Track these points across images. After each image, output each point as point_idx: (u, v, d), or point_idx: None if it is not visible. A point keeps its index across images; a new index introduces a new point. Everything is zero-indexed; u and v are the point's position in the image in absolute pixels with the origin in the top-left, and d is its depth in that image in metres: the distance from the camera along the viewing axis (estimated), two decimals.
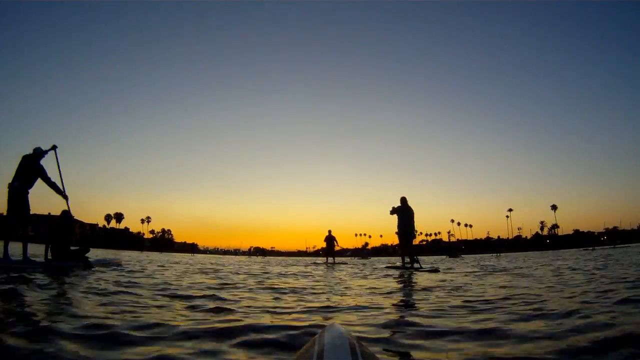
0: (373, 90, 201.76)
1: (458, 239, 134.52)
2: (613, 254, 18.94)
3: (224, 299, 4.02)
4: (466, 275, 8.48)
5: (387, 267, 13.17)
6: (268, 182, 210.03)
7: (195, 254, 76.64)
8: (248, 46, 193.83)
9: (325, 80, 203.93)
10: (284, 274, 9.10)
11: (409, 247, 12.67)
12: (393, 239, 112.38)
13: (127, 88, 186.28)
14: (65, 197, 8.65)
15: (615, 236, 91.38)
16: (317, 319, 2.92)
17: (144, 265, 11.67)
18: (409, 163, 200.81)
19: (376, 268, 13.34)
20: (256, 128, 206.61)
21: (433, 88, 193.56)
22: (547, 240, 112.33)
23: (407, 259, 12.34)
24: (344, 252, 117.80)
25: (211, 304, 3.54)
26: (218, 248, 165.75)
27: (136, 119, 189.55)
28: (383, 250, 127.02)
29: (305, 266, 15.49)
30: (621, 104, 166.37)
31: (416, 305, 3.85)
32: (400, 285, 6.48)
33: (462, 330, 2.48)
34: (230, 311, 3.21)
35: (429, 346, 2.15)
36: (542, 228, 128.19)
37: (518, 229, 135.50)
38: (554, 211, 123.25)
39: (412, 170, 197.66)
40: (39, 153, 8.23)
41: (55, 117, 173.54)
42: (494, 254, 48.98)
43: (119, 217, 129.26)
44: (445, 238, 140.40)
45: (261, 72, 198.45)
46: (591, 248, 53.92)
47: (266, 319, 2.88)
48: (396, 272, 10.23)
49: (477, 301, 3.84)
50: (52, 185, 8.32)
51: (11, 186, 7.80)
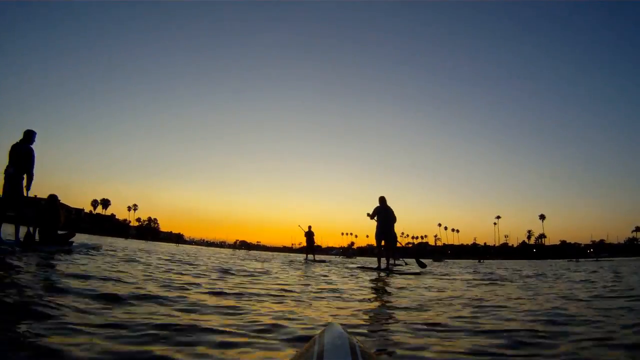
0: (366, 92, 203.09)
1: (444, 244, 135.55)
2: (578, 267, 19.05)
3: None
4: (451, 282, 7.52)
5: (360, 268, 12.57)
6: (257, 178, 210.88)
7: (180, 244, 76.41)
8: (246, 41, 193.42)
9: (318, 79, 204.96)
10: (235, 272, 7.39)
11: (387, 249, 11.97)
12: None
13: (118, 75, 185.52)
14: (28, 188, 8.39)
15: (601, 249, 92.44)
16: None
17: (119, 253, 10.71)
18: (399, 165, 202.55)
19: (349, 268, 12.55)
20: (248, 122, 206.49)
21: (426, 93, 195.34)
22: (534, 249, 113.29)
23: (384, 261, 11.69)
24: (330, 251, 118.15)
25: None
26: (204, 239, 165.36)
27: (130, 107, 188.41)
28: (369, 250, 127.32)
29: (282, 263, 15.17)
30: (614, 119, 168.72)
31: None
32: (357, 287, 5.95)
33: None
34: None
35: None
36: (529, 237, 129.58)
37: (505, 237, 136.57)
38: (542, 221, 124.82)
39: (402, 172, 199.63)
40: (30, 135, 8.33)
41: (45, 102, 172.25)
42: (477, 261, 49.35)
43: (106, 204, 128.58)
44: (432, 242, 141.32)
45: (250, 66, 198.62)
46: (575, 260, 54.45)
47: None
48: (366, 276, 9.00)
49: None
50: (31, 175, 8.26)
51: (7, 172, 8.08)
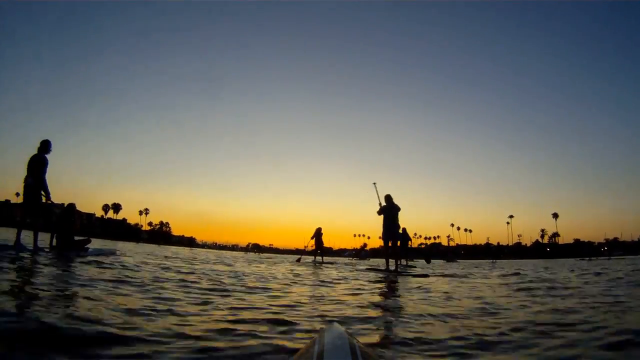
0: (375, 92, 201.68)
1: (457, 244, 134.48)
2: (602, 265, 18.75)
3: None
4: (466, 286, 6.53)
5: (368, 270, 12.03)
6: (269, 180, 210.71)
7: (193, 248, 76.60)
8: (251, 44, 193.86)
9: (328, 80, 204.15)
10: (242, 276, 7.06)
11: (395, 249, 11.64)
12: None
13: (129, 80, 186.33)
14: (47, 195, 8.62)
15: (614, 247, 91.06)
16: None
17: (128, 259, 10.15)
18: (411, 166, 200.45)
19: (358, 270, 12.01)
20: (259, 125, 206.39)
21: (436, 92, 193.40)
22: (547, 248, 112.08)
23: (393, 262, 11.38)
24: (342, 253, 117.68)
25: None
26: (216, 243, 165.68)
27: (139, 110, 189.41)
28: (382, 251, 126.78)
29: (290, 263, 15.31)
30: (627, 116, 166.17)
31: None
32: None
33: None
34: None
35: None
36: (543, 236, 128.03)
37: (518, 236, 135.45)
38: (555, 219, 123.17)
39: (414, 173, 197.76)
40: (45, 145, 8.56)
41: (56, 108, 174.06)
42: (490, 260, 48.81)
43: (117, 208, 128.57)
44: (444, 242, 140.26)
45: (263, 71, 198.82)
46: (587, 258, 53.70)
47: None
48: (374, 277, 8.73)
49: None
50: (41, 180, 8.44)
51: (26, 182, 8.37)
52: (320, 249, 20.46)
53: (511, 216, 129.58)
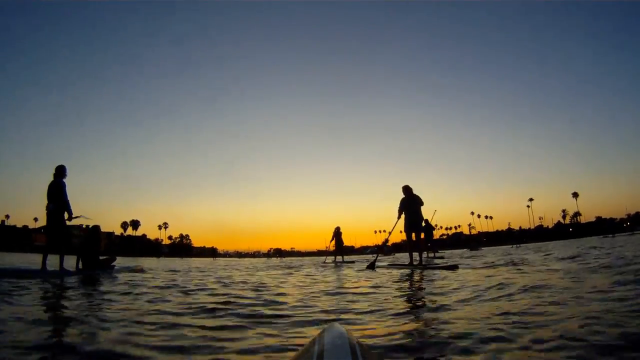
0: (390, 85, 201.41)
1: (479, 232, 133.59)
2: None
3: None
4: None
5: (390, 266, 11.42)
6: (288, 184, 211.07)
7: (217, 258, 77.35)
8: (262, 49, 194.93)
9: (344, 79, 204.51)
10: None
11: (418, 242, 10.96)
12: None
13: (140, 96, 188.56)
14: (70, 217, 8.95)
15: (636, 222, 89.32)
16: None
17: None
18: (427, 157, 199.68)
19: (378, 267, 11.13)
20: (274, 129, 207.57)
21: (449, 80, 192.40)
22: (570, 228, 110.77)
23: (417, 256, 10.68)
24: (364, 250, 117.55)
25: None
26: (238, 251, 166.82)
27: (150, 125, 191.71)
28: (404, 246, 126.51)
29: (311, 267, 14.60)
30: None
31: None
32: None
33: None
34: None
35: None
36: (564, 216, 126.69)
37: (539, 219, 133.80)
38: (576, 199, 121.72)
39: (431, 164, 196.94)
40: (60, 170, 8.87)
41: (69, 127, 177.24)
42: (514, 245, 48.24)
43: (136, 224, 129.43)
44: (465, 231, 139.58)
45: (277, 74, 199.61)
46: (611, 235, 52.70)
47: None
48: (399, 274, 8.19)
49: None
50: (65, 204, 8.78)
51: (48, 209, 8.71)
52: (340, 249, 20.27)
53: (531, 199, 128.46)
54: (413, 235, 10.75)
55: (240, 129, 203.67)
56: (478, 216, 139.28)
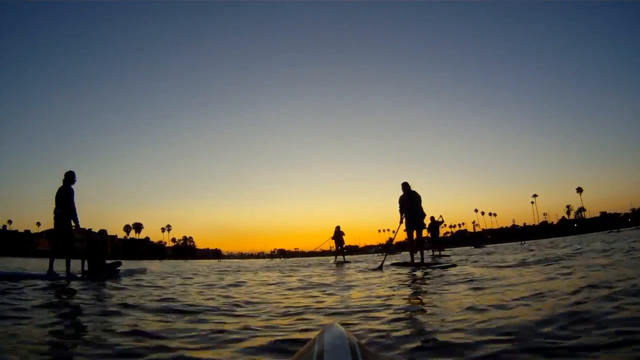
0: (389, 83, 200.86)
1: (483, 229, 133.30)
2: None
3: None
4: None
5: (394, 265, 10.90)
6: (290, 184, 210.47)
7: (221, 260, 77.59)
8: (261, 50, 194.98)
9: (340, 77, 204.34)
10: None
11: (419, 240, 10.60)
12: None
13: (143, 98, 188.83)
14: (77, 227, 9.07)
15: None
16: None
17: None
18: (429, 155, 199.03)
19: (384, 267, 10.50)
20: (275, 129, 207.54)
21: (451, 78, 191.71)
22: (574, 224, 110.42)
23: (418, 255, 10.36)
24: (368, 249, 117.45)
25: None
26: (242, 252, 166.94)
27: (150, 128, 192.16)
28: (407, 245, 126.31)
29: (312, 266, 14.45)
30: None
31: None
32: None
33: None
34: None
35: None
36: (569, 212, 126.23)
37: (544, 215, 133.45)
38: (580, 194, 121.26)
39: (434, 162, 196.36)
40: (69, 176, 8.99)
41: (71, 130, 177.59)
42: (520, 242, 48.03)
43: (138, 227, 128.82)
44: (470, 228, 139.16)
45: (274, 73, 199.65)
46: (616, 230, 52.53)
47: None
48: (401, 273, 7.97)
49: None
50: (71, 210, 8.85)
51: (55, 213, 8.78)
52: (341, 248, 19.94)
53: (535, 195, 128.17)
54: (414, 233, 10.44)
55: (242, 131, 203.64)
56: (482, 213, 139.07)
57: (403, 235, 12.96)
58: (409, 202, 10.33)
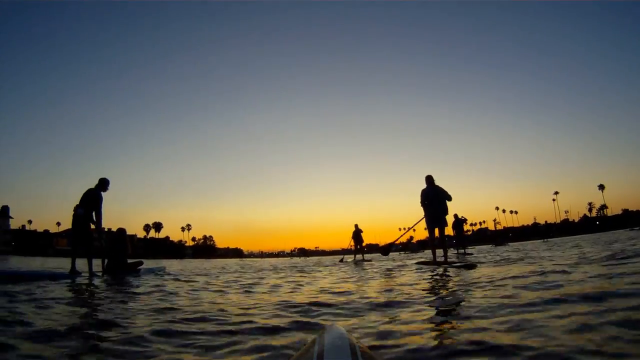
0: (414, 82, 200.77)
1: (504, 227, 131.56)
2: None
3: None
4: None
5: (419, 264, 9.82)
6: (311, 183, 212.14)
7: (244, 259, 77.97)
8: (283, 52, 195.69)
9: (363, 75, 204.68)
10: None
11: (442, 238, 9.86)
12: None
13: (164, 99, 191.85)
14: (99, 231, 9.04)
15: None
16: None
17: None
18: (449, 153, 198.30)
19: (405, 265, 10.10)
20: (297, 128, 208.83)
21: (474, 75, 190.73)
22: (597, 222, 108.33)
23: (441, 253, 9.79)
24: (390, 247, 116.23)
25: None
26: (262, 252, 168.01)
27: (170, 129, 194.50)
28: (428, 243, 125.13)
29: (331, 266, 14.08)
30: None
31: None
32: None
33: None
34: None
35: None
36: (590, 210, 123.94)
37: (565, 212, 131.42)
38: (602, 191, 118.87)
39: (455, 159, 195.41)
40: (102, 183, 8.94)
41: (91, 132, 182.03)
42: (543, 240, 47.27)
43: (158, 227, 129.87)
44: (490, 226, 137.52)
45: (294, 72, 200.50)
46: (638, 228, 51.07)
47: None
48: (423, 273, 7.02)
49: None
50: (99, 215, 8.81)
51: (75, 212, 8.69)
52: (360, 247, 19.70)
53: (556, 192, 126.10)
54: (436, 230, 9.71)
55: (264, 131, 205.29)
56: (503, 211, 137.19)
57: (422, 233, 12.52)
58: (433, 197, 9.58)
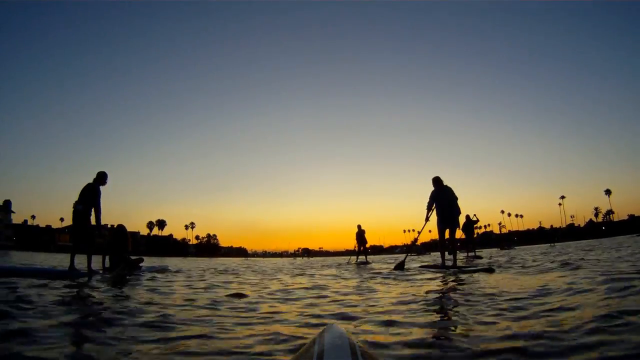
0: (419, 84, 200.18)
1: (509, 230, 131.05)
2: None
3: None
4: None
5: (422, 268, 9.79)
6: (317, 184, 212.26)
7: (249, 258, 78.00)
8: (288, 50, 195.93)
9: (369, 76, 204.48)
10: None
11: (452, 240, 9.33)
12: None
13: (168, 96, 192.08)
14: (98, 227, 8.86)
15: None
16: None
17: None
18: (456, 156, 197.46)
19: (409, 269, 9.50)
20: (302, 129, 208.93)
21: (478, 78, 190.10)
22: (603, 227, 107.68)
23: (449, 256, 9.27)
24: (394, 249, 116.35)
25: None
26: (266, 251, 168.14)
27: (175, 127, 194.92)
28: (434, 245, 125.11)
29: (332, 267, 13.77)
30: None
31: None
32: None
33: None
34: None
35: None
36: (597, 214, 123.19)
37: (571, 217, 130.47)
38: (608, 196, 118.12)
39: (460, 162, 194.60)
40: (100, 176, 8.76)
41: (94, 128, 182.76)
42: (549, 244, 46.93)
43: (162, 224, 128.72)
44: (496, 230, 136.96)
45: (300, 73, 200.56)
46: None
47: None
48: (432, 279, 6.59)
49: None
50: (97, 210, 8.60)
51: (75, 208, 8.54)
52: (364, 248, 19.59)
53: (562, 197, 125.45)
54: (447, 232, 9.26)
55: (269, 131, 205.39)
56: (508, 215, 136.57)
57: (427, 235, 12.29)
58: (443, 197, 9.23)
